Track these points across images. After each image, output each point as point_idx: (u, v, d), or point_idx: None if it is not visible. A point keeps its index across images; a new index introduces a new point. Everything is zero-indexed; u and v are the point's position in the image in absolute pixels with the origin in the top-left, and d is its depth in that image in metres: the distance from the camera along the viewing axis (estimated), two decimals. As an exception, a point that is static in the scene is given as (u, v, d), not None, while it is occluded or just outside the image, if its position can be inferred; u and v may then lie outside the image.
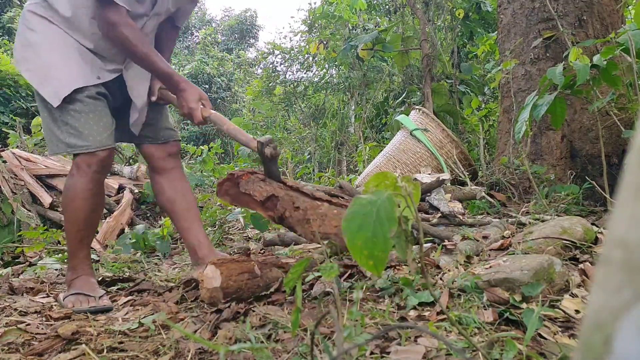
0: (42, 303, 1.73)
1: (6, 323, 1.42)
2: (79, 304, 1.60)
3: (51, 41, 1.68)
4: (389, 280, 1.40)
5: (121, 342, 1.21)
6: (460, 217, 2.27)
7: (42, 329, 1.37)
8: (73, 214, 1.70)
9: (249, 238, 3.01)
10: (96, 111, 1.70)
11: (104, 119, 1.72)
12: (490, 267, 1.36)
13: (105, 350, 1.15)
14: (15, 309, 1.60)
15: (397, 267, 1.64)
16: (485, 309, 1.15)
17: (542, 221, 2.03)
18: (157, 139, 1.95)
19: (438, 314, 1.17)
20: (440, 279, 1.44)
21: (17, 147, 4.91)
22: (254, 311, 1.34)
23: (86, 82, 1.69)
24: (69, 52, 1.69)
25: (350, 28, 7.24)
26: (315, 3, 8.81)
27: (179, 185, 1.95)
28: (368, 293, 1.34)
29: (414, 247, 0.88)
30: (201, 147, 5.86)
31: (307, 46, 8.29)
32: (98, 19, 1.66)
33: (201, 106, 1.75)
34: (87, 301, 1.61)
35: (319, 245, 1.93)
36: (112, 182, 4.30)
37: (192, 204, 1.96)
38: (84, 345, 1.16)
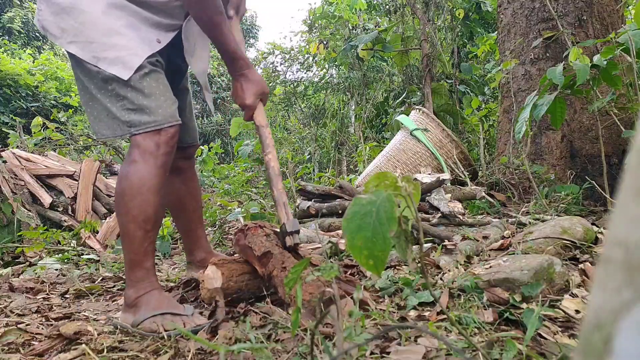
0: (42, 303, 1.73)
1: (6, 323, 1.42)
2: (170, 326, 1.26)
3: (92, 0, 1.37)
4: (389, 280, 1.40)
5: (121, 342, 1.21)
6: (460, 217, 2.27)
7: (42, 329, 1.37)
8: (140, 211, 1.35)
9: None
10: (159, 80, 1.42)
11: (168, 89, 1.45)
12: (490, 267, 1.36)
13: (105, 350, 1.15)
14: (15, 309, 1.59)
15: (397, 267, 1.64)
16: (485, 309, 1.15)
17: (542, 221, 2.03)
18: (183, 141, 1.69)
19: (438, 314, 1.17)
20: (440, 279, 1.44)
21: (17, 147, 4.91)
22: (255, 312, 1.34)
23: (152, 49, 1.42)
24: (119, 10, 1.40)
25: (350, 28, 7.24)
26: (315, 3, 8.81)
27: (191, 186, 1.87)
28: (368, 293, 1.34)
29: (414, 247, 0.88)
30: (201, 147, 5.86)
31: (307, 46, 8.30)
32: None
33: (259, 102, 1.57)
34: (179, 320, 1.29)
35: (319, 246, 1.93)
36: (112, 182, 4.30)
37: (199, 205, 1.91)
38: (84, 345, 1.16)
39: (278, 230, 1.53)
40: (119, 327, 1.31)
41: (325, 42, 7.17)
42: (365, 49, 5.60)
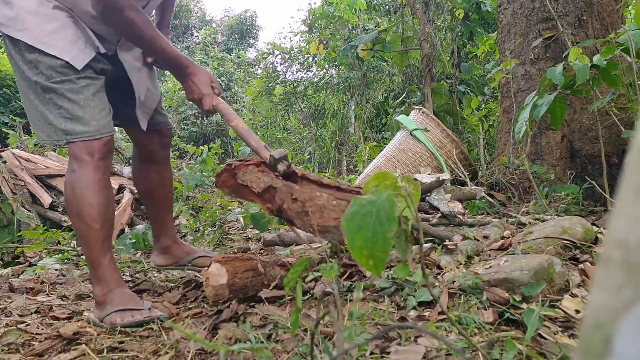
0: (42, 303, 1.73)
1: (6, 323, 1.42)
2: (129, 318, 1.39)
3: (37, 4, 1.45)
4: (389, 280, 1.40)
5: (121, 342, 1.21)
6: (460, 217, 2.27)
7: (42, 329, 1.37)
8: (85, 213, 1.47)
9: (249, 238, 3.01)
10: (97, 91, 1.52)
11: (104, 100, 1.54)
12: (490, 267, 1.36)
13: (105, 351, 1.15)
14: (15, 309, 1.59)
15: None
16: (485, 309, 1.15)
17: (542, 221, 2.03)
18: (154, 124, 1.80)
19: (438, 314, 1.17)
20: (440, 278, 1.44)
21: (17, 147, 4.91)
22: (255, 312, 1.34)
23: (91, 54, 1.51)
24: (60, 17, 1.48)
25: (350, 28, 7.24)
26: (315, 3, 8.81)
27: (165, 177, 1.90)
28: (368, 293, 1.34)
29: (414, 247, 0.88)
30: (201, 147, 5.86)
31: (307, 46, 8.29)
32: (94, 2, 1.45)
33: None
34: (138, 314, 1.40)
35: (320, 246, 1.93)
36: (112, 183, 4.30)
37: (169, 194, 1.94)
38: (84, 346, 1.16)
39: (267, 162, 1.49)
40: (90, 321, 1.45)
41: (325, 42, 7.17)
42: (365, 49, 5.59)
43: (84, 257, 2.69)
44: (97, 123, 1.49)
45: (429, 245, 1.80)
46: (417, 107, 3.88)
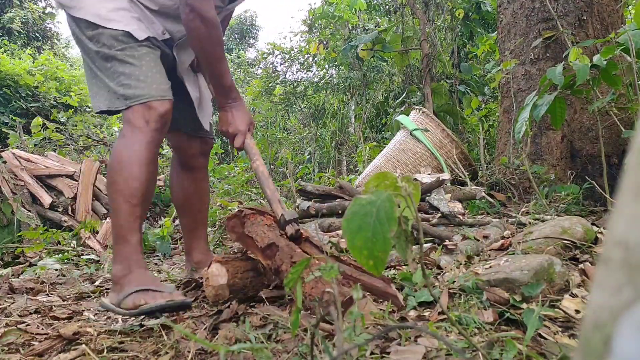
0: (42, 303, 1.73)
1: (6, 323, 1.42)
2: (151, 300, 1.26)
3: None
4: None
5: (121, 342, 1.21)
6: (460, 217, 2.27)
7: (42, 329, 1.37)
8: (127, 184, 1.37)
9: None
10: (157, 59, 1.50)
11: (163, 69, 1.51)
12: (490, 267, 1.36)
13: (105, 351, 1.15)
14: (15, 309, 1.59)
15: (397, 267, 1.64)
16: (485, 309, 1.15)
17: (542, 221, 2.03)
18: (197, 130, 1.76)
19: (438, 314, 1.17)
20: (440, 278, 1.44)
21: (17, 147, 4.91)
22: (255, 312, 1.34)
23: (150, 32, 1.53)
24: (123, 1, 1.51)
25: (350, 28, 7.24)
26: (315, 3, 8.80)
27: (202, 187, 1.87)
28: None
29: (414, 247, 0.88)
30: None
31: (307, 46, 8.29)
32: (186, 10, 1.44)
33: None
34: (160, 296, 1.27)
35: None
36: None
37: (205, 207, 1.90)
38: (84, 346, 1.16)
39: (277, 218, 1.49)
40: (103, 307, 1.34)
41: (325, 42, 7.17)
42: (365, 49, 5.59)
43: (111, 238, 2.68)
44: (158, 87, 1.44)
45: (429, 245, 1.80)
46: (417, 107, 3.88)
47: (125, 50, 1.45)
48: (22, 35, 12.31)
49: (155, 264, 2.55)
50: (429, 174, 3.14)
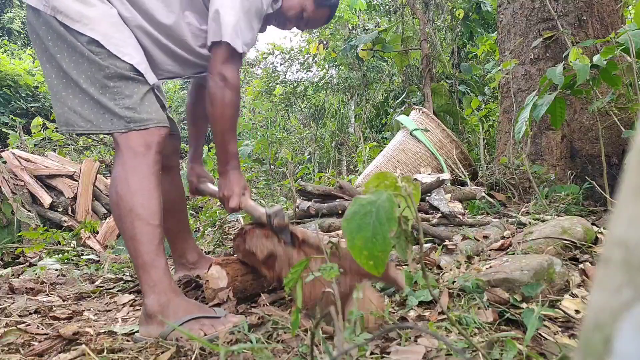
0: (42, 303, 1.73)
1: (6, 323, 1.42)
2: (210, 330, 1.20)
3: (116, 21, 1.41)
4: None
5: (121, 343, 1.21)
6: (460, 217, 2.27)
7: (42, 329, 1.37)
8: (144, 208, 1.31)
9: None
10: (155, 98, 1.48)
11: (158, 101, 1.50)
12: (490, 267, 1.36)
13: (105, 351, 1.15)
14: (15, 309, 1.59)
15: (397, 267, 1.64)
16: (485, 309, 1.15)
17: (542, 221, 2.03)
18: (171, 129, 1.69)
19: (438, 314, 1.17)
20: (440, 278, 1.44)
21: (17, 147, 4.91)
22: (255, 312, 1.34)
23: (159, 75, 1.54)
24: (132, 35, 1.46)
25: (350, 28, 7.24)
26: (315, 3, 8.75)
27: (180, 186, 1.86)
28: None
29: (414, 247, 0.88)
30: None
31: (307, 46, 8.30)
32: (217, 77, 1.46)
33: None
34: (219, 323, 1.23)
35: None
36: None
37: (185, 207, 1.91)
38: (84, 346, 1.16)
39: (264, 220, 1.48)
40: (144, 341, 1.22)
41: (325, 42, 7.17)
42: (365, 49, 5.59)
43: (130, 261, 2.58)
44: (158, 115, 1.42)
45: (429, 245, 1.80)
46: (417, 107, 3.88)
47: (130, 79, 1.41)
48: (22, 35, 12.31)
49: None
50: (429, 174, 3.14)
